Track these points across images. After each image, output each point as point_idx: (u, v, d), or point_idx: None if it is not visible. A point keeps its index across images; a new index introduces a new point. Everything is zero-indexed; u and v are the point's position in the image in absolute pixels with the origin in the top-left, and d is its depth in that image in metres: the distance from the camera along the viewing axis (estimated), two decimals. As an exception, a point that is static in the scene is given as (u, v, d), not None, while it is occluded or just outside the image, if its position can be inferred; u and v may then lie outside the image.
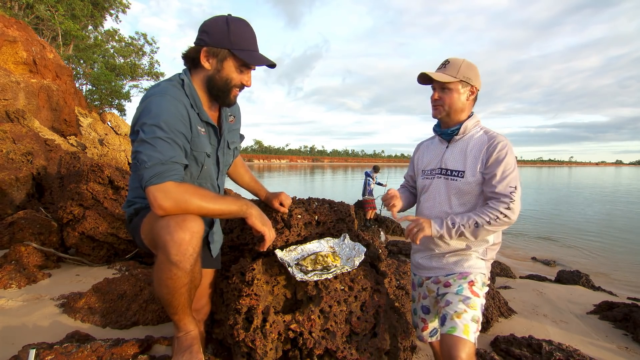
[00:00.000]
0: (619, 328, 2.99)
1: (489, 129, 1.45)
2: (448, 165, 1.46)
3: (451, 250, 1.44)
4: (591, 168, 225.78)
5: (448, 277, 1.42)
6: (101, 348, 1.26)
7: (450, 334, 1.22)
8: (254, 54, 1.24)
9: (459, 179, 1.41)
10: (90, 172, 2.84)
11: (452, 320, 1.25)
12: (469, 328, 1.22)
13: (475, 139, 1.43)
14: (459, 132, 1.45)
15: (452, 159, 1.46)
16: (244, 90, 1.34)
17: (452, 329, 1.23)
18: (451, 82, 1.40)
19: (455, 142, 1.47)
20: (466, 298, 1.31)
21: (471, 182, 1.38)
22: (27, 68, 8.55)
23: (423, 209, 1.53)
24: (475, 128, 1.45)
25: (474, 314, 1.26)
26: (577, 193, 25.48)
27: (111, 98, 20.08)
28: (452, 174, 1.43)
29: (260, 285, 1.38)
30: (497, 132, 1.41)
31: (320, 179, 40.90)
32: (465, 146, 1.43)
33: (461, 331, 1.21)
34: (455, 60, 1.42)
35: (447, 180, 1.45)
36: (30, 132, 5.09)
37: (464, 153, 1.42)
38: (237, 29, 1.21)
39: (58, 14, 16.19)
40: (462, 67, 1.40)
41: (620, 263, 7.45)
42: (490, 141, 1.37)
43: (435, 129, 1.56)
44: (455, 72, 1.40)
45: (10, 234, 2.80)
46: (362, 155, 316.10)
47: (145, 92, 1.24)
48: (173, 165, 1.12)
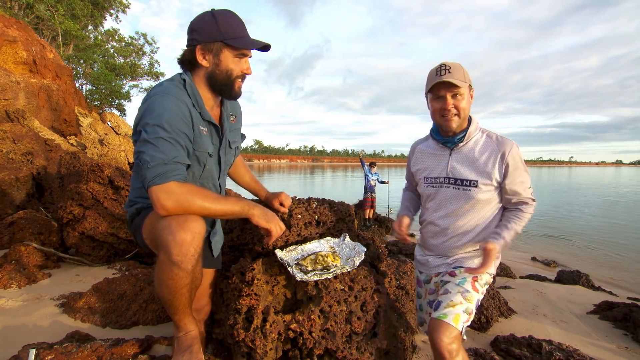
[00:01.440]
0: (619, 328, 2.99)
1: (490, 131, 1.43)
2: (457, 175, 1.41)
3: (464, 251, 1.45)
4: (591, 168, 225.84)
5: (455, 268, 1.43)
6: (101, 348, 1.26)
7: (439, 319, 1.25)
8: (247, 39, 1.25)
9: (472, 189, 1.38)
10: (90, 172, 2.84)
11: (445, 308, 1.27)
12: (460, 318, 1.24)
13: (481, 144, 1.40)
14: (464, 139, 1.41)
15: (460, 167, 1.41)
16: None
17: (443, 315, 1.25)
18: (463, 87, 1.34)
19: (459, 149, 1.43)
20: (465, 291, 1.32)
21: (486, 191, 1.37)
22: (27, 68, 8.55)
23: (434, 218, 1.50)
24: (476, 132, 1.43)
25: (467, 306, 1.28)
26: (577, 193, 25.50)
27: (111, 98, 20.09)
28: (464, 184, 1.40)
29: (260, 285, 1.38)
30: (500, 135, 1.40)
31: (320, 179, 40.91)
32: (471, 153, 1.40)
33: (451, 319, 1.23)
34: (454, 64, 1.36)
35: (458, 190, 1.41)
36: (30, 132, 5.09)
37: (472, 161, 1.39)
38: (224, 20, 1.21)
39: (58, 14, 16.20)
40: (463, 72, 1.35)
41: (620, 263, 7.45)
42: (502, 148, 1.35)
43: (436, 137, 1.49)
44: (462, 76, 1.34)
45: (10, 233, 2.80)
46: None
47: (148, 92, 1.24)
48: (176, 166, 1.12)
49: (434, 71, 1.38)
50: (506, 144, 1.36)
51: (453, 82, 1.31)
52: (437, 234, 1.49)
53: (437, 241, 1.49)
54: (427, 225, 1.55)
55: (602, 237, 10.14)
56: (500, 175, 1.36)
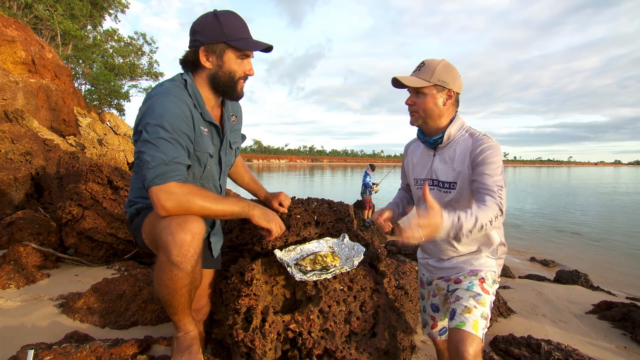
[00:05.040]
0: (618, 328, 2.99)
1: (474, 130, 1.37)
2: (439, 177, 1.39)
3: (462, 254, 1.42)
4: (590, 168, 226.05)
5: (459, 275, 1.40)
6: (100, 348, 1.26)
7: (458, 329, 1.19)
8: (250, 41, 1.25)
9: (452, 191, 1.36)
10: (89, 172, 2.84)
11: (461, 315, 1.22)
12: (478, 324, 1.19)
13: (461, 143, 1.36)
14: (442, 140, 1.37)
15: (441, 169, 1.39)
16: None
17: (461, 323, 1.20)
18: (425, 86, 1.30)
19: (441, 150, 1.40)
20: (476, 294, 1.28)
21: (465, 190, 1.34)
22: (25, 68, 8.54)
23: None
24: (460, 132, 1.37)
25: (483, 311, 1.24)
26: (576, 193, 25.54)
27: (110, 98, 20.07)
28: (445, 186, 1.38)
29: (260, 285, 1.38)
30: (483, 133, 1.34)
31: (319, 179, 40.90)
32: (452, 154, 1.37)
33: (470, 326, 1.18)
34: (431, 62, 1.32)
35: (440, 192, 1.39)
36: (29, 132, 5.08)
37: (450, 162, 1.36)
38: (227, 21, 1.21)
39: (57, 14, 16.17)
40: (437, 69, 1.30)
41: (619, 263, 7.46)
42: (475, 144, 1.30)
43: (418, 135, 1.47)
44: (429, 75, 1.30)
45: (9, 234, 2.79)
46: (361, 155, 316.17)
47: (149, 92, 1.24)
48: (176, 166, 1.12)
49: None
50: (482, 141, 1.29)
51: (402, 82, 1.31)
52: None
53: (431, 244, 1.48)
54: None
55: (601, 236, 10.16)
56: (470, 169, 1.30)
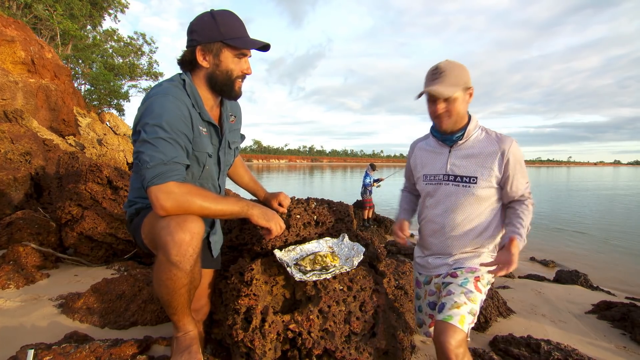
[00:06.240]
0: (617, 327, 3.00)
1: (488, 129, 1.45)
2: (456, 172, 1.44)
3: (466, 251, 1.44)
4: (589, 168, 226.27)
5: (457, 269, 1.42)
6: (100, 348, 1.26)
7: (445, 321, 1.24)
8: (246, 39, 1.25)
9: (471, 185, 1.40)
10: (89, 172, 2.84)
11: (450, 310, 1.26)
12: (465, 319, 1.23)
13: (480, 141, 1.42)
14: (462, 137, 1.43)
15: (459, 164, 1.43)
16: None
17: (448, 317, 1.24)
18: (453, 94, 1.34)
19: (458, 146, 1.45)
20: (469, 291, 1.31)
21: (485, 187, 1.38)
22: (25, 68, 8.54)
23: (433, 216, 1.50)
24: (476, 129, 1.45)
25: (472, 307, 1.28)
26: (575, 192, 25.56)
27: (110, 98, 20.07)
28: (464, 180, 1.42)
29: (259, 286, 1.38)
30: (499, 132, 1.42)
31: (319, 179, 40.91)
32: (471, 150, 1.42)
33: (457, 320, 1.22)
34: (448, 67, 1.35)
35: (457, 187, 1.43)
36: (28, 132, 5.08)
37: (471, 158, 1.41)
38: (224, 20, 1.22)
39: (56, 14, 16.17)
40: (458, 74, 1.35)
41: (619, 263, 7.46)
42: (502, 144, 1.37)
43: (435, 134, 1.51)
44: (455, 81, 1.34)
45: (9, 234, 2.79)
46: (361, 155, 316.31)
47: (147, 92, 1.24)
48: (175, 166, 1.12)
49: (429, 73, 1.38)
50: (506, 141, 1.38)
51: (439, 95, 1.33)
52: (436, 232, 1.49)
53: (436, 239, 1.49)
54: (426, 224, 1.55)
55: (600, 236, 10.17)
56: (500, 171, 1.37)
